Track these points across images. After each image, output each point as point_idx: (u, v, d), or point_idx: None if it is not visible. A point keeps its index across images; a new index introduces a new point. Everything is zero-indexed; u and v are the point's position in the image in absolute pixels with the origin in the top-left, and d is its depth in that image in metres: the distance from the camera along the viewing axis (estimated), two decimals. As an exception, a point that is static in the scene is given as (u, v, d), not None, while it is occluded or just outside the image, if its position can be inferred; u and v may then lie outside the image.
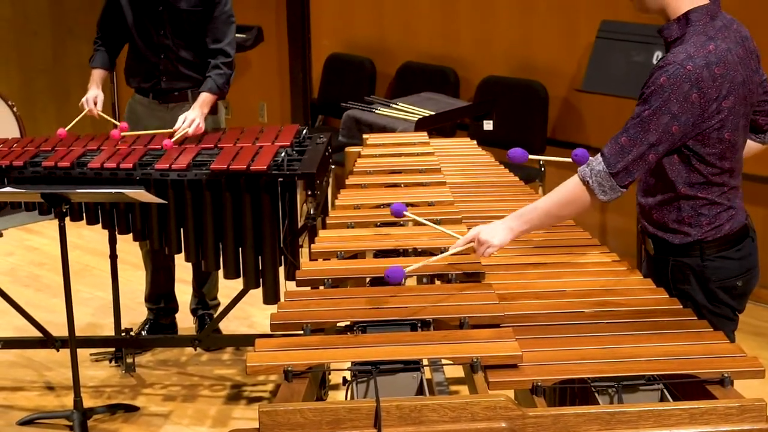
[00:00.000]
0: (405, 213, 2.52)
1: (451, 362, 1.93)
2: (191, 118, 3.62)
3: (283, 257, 3.42)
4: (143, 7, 3.75)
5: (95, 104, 3.73)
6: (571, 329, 2.02)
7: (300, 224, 3.47)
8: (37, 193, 3.19)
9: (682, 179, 2.27)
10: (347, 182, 3.08)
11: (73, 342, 3.23)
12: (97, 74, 3.83)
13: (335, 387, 3.45)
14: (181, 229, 3.46)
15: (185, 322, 4.12)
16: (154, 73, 3.82)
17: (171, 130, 3.62)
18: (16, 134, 5.21)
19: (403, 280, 2.18)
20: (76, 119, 3.70)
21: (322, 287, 2.29)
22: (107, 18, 3.87)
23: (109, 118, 3.86)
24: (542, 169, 4.78)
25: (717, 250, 2.30)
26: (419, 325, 2.05)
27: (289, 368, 1.83)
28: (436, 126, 4.36)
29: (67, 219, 3.24)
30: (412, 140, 3.56)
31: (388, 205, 2.82)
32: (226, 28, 3.74)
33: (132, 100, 3.96)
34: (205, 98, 3.68)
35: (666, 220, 2.31)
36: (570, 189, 2.26)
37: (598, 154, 2.25)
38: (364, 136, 3.64)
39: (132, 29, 3.80)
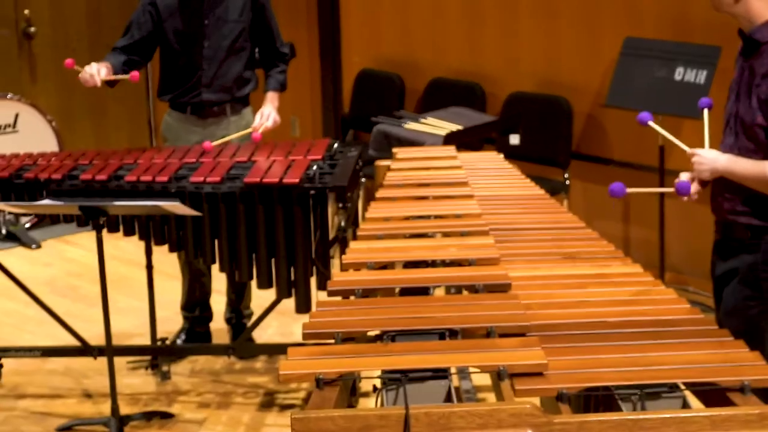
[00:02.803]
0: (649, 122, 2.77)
1: (479, 370, 1.95)
2: (267, 113, 3.85)
3: (314, 268, 3.46)
4: (188, 19, 3.82)
5: (98, 73, 3.60)
6: (595, 338, 2.05)
7: (331, 236, 3.52)
8: (75, 205, 3.24)
9: None
10: (377, 195, 3.10)
11: (110, 350, 3.29)
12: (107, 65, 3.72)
13: (365, 394, 3.48)
14: (216, 241, 3.51)
15: (219, 331, 4.18)
16: (194, 85, 3.88)
17: (246, 131, 3.84)
18: (55, 148, 5.31)
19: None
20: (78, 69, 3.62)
21: (352, 297, 2.31)
22: (134, 38, 3.86)
23: (116, 77, 3.70)
24: (567, 182, 4.83)
25: None
26: (447, 334, 2.07)
27: (321, 376, 1.85)
28: (463, 140, 4.40)
29: (105, 231, 3.30)
30: (440, 154, 3.60)
31: (418, 217, 2.88)
32: (278, 29, 3.96)
33: (168, 117, 4.01)
34: (274, 96, 3.95)
35: (762, 205, 2.44)
36: None
37: None
38: (394, 150, 3.67)
39: (173, 41, 3.86)
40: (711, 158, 2.59)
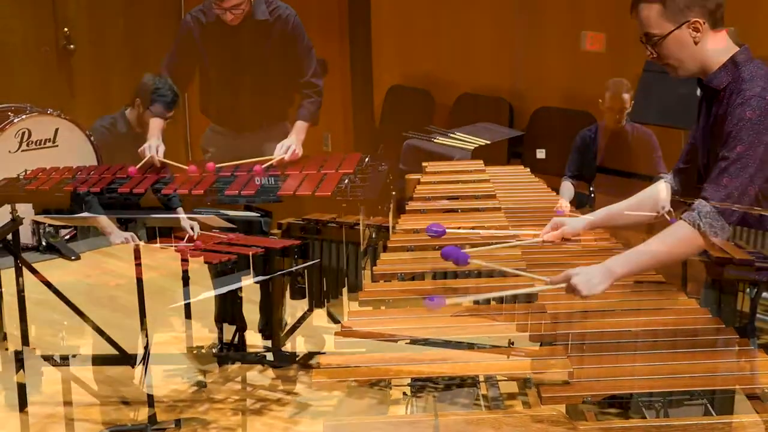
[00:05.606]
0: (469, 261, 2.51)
1: (506, 378, 2.03)
2: (287, 145, 3.73)
3: (346, 279, 3.53)
4: (222, 51, 3.89)
5: (157, 152, 3.78)
6: (619, 347, 2.09)
7: (362, 247, 3.58)
8: (114, 217, 3.35)
9: None
10: (407, 207, 3.16)
11: (147, 359, 3.38)
12: (158, 124, 3.91)
13: (396, 402, 3.53)
14: (250, 252, 3.58)
15: (253, 340, 4.25)
16: (230, 109, 3.97)
17: (265, 158, 3.69)
18: (93, 162, 5.40)
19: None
20: (142, 162, 3.75)
21: (383, 307, 2.36)
22: (175, 63, 3.98)
23: (173, 163, 3.84)
24: (592, 195, 4.86)
25: None
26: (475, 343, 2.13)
27: (353, 384, 1.89)
28: (491, 154, 4.45)
29: (142, 242, 3.39)
30: (468, 168, 3.65)
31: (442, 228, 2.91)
32: (308, 61, 3.89)
33: (209, 130, 4.12)
34: (300, 126, 3.83)
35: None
36: (680, 234, 2.30)
37: (700, 199, 2.28)
38: (423, 163, 3.72)
39: (209, 70, 3.95)
40: (584, 280, 2.24)
